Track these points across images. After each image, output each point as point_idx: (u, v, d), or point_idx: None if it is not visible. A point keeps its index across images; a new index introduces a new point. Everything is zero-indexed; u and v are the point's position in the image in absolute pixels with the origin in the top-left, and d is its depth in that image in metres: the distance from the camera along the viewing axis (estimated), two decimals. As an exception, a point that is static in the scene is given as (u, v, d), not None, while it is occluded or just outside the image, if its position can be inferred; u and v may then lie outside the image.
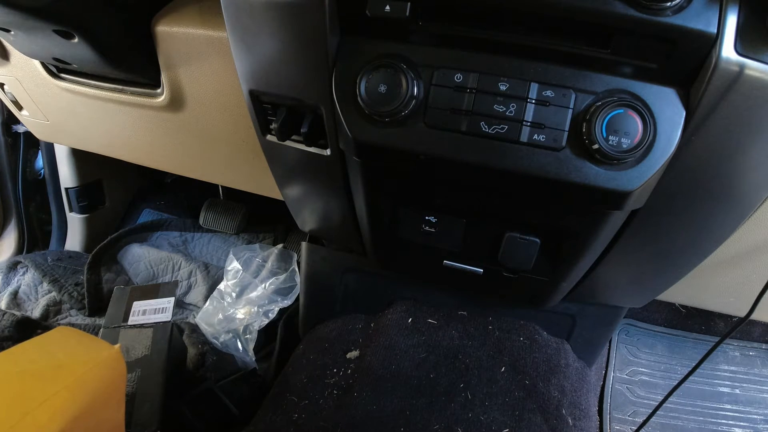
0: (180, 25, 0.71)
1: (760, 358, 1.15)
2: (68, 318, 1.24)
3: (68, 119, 1.02)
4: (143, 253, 1.31)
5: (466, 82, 0.51)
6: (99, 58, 0.72)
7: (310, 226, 0.93)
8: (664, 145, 0.48)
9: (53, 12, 0.62)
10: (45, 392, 0.57)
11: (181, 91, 0.79)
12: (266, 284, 1.24)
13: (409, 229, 0.71)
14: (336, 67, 0.55)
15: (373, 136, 0.55)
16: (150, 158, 1.06)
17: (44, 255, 1.31)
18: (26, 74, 0.94)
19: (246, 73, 0.62)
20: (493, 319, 1.02)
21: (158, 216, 1.49)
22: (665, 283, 0.77)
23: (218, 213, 1.42)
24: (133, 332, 0.99)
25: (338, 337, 1.06)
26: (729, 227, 0.61)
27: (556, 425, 0.88)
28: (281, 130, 0.63)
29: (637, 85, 0.48)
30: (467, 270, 0.74)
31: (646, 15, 0.44)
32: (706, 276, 0.78)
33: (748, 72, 0.44)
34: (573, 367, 0.99)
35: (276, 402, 0.95)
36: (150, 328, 1.00)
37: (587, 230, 0.60)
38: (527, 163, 0.51)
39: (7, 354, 0.63)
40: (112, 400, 0.69)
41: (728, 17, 0.44)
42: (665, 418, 1.07)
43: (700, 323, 1.20)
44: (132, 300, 1.06)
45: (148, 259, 1.29)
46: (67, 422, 0.57)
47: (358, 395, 0.92)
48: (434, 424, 0.86)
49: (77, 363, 0.64)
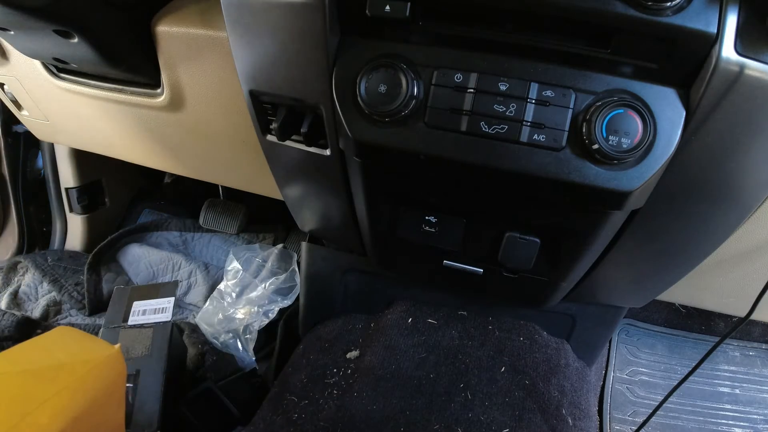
0: (180, 25, 0.71)
1: (760, 358, 1.15)
2: (68, 318, 1.23)
3: (68, 119, 1.02)
4: (143, 253, 1.30)
5: (466, 82, 0.51)
6: (99, 58, 0.72)
7: (310, 226, 0.93)
8: (664, 145, 0.48)
9: (53, 12, 0.62)
10: (45, 392, 0.57)
11: (181, 91, 0.79)
12: (266, 284, 1.24)
13: (409, 229, 0.71)
14: (336, 67, 0.55)
15: (373, 136, 0.55)
16: (150, 158, 1.06)
17: (44, 255, 1.31)
18: (26, 74, 0.94)
19: (246, 73, 0.62)
20: (493, 319, 1.02)
21: (158, 216, 1.49)
22: (665, 283, 0.76)
23: (218, 213, 1.42)
24: (133, 332, 0.99)
25: (338, 337, 1.06)
26: (729, 227, 0.61)
27: (556, 425, 0.88)
28: (281, 130, 0.63)
29: (637, 85, 0.48)
30: (467, 270, 0.74)
31: (646, 15, 0.44)
32: (706, 276, 0.78)
33: (748, 72, 0.44)
34: (573, 367, 0.99)
35: (276, 402, 0.95)
36: (150, 328, 1.00)
37: (587, 230, 0.60)
38: (527, 163, 0.51)
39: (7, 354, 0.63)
40: (112, 400, 0.69)
41: (728, 17, 0.44)
42: (665, 418, 1.07)
43: (700, 323, 1.20)
44: (132, 300, 1.05)
45: (148, 259, 1.29)
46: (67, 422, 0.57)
47: (358, 395, 0.92)
48: (434, 424, 0.86)
49: (77, 363, 0.64)
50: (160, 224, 1.40)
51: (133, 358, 0.95)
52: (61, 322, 1.22)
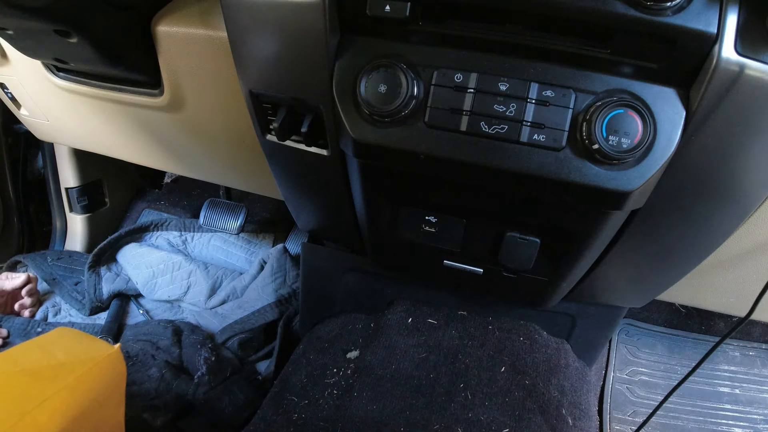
0: (180, 25, 0.71)
1: (760, 358, 1.15)
2: (68, 318, 1.24)
3: (68, 119, 1.02)
4: (143, 253, 1.30)
5: (466, 82, 0.51)
6: (99, 58, 0.72)
7: (310, 226, 0.93)
8: (664, 145, 0.48)
9: (53, 12, 0.62)
10: (44, 392, 0.57)
11: (181, 91, 0.79)
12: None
13: (409, 229, 0.71)
14: (336, 67, 0.55)
15: (373, 136, 0.55)
16: (150, 158, 1.06)
17: (44, 255, 1.31)
18: (26, 74, 0.94)
19: (246, 73, 0.62)
20: (493, 319, 1.02)
21: (158, 216, 1.49)
22: (665, 283, 0.76)
23: (218, 213, 1.42)
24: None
25: (338, 337, 1.06)
26: (729, 227, 0.61)
27: (556, 425, 0.88)
28: (281, 130, 0.63)
29: (637, 85, 0.48)
30: (467, 270, 0.74)
31: (646, 15, 0.44)
32: (706, 276, 0.78)
33: (748, 72, 0.44)
34: (573, 367, 0.99)
35: (276, 402, 0.95)
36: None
37: (587, 230, 0.60)
38: (527, 163, 0.51)
39: (7, 354, 0.63)
40: (112, 400, 0.69)
41: (728, 17, 0.44)
42: (665, 418, 1.07)
43: (700, 323, 1.20)
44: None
45: (148, 259, 1.29)
46: (66, 422, 0.57)
47: (358, 395, 0.92)
48: (434, 424, 0.86)
49: (77, 363, 0.64)
50: (160, 224, 1.40)
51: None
52: (61, 322, 1.22)
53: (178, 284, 1.26)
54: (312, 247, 1.08)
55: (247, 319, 1.18)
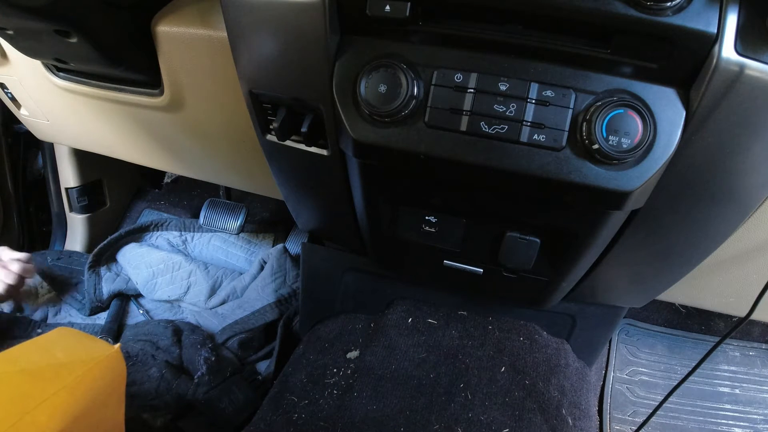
0: (180, 25, 0.71)
1: (760, 358, 1.15)
2: (68, 318, 1.24)
3: (68, 119, 1.02)
4: (143, 253, 1.30)
5: (466, 82, 0.51)
6: (99, 58, 0.72)
7: (310, 226, 0.93)
8: (664, 145, 0.48)
9: (53, 12, 0.62)
10: (45, 392, 0.57)
11: (181, 91, 0.79)
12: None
13: (409, 229, 0.71)
14: (336, 67, 0.54)
15: (373, 136, 0.55)
16: (150, 158, 1.06)
17: (44, 255, 1.31)
18: (26, 74, 0.94)
19: (246, 73, 0.62)
20: (493, 319, 1.02)
21: (158, 216, 1.49)
22: (665, 283, 0.76)
23: (218, 213, 1.42)
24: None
25: (338, 337, 1.06)
26: (729, 227, 0.61)
27: (556, 425, 0.88)
28: (281, 130, 0.63)
29: (637, 85, 0.48)
30: (467, 270, 0.74)
31: (646, 15, 0.44)
32: (706, 276, 0.78)
33: (748, 72, 0.44)
34: (573, 367, 0.99)
35: (276, 402, 0.95)
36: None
37: (587, 230, 0.60)
38: (527, 163, 0.51)
39: (7, 354, 0.63)
40: (112, 400, 0.69)
41: (728, 17, 0.44)
42: (665, 418, 1.07)
43: (700, 323, 1.20)
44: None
45: (148, 259, 1.29)
46: (66, 422, 0.57)
47: (358, 395, 0.92)
48: (434, 424, 0.86)
49: (77, 363, 0.64)
50: (160, 224, 1.40)
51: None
52: (61, 322, 1.22)
53: (178, 284, 1.26)
54: (312, 247, 1.08)
55: (247, 319, 1.18)
